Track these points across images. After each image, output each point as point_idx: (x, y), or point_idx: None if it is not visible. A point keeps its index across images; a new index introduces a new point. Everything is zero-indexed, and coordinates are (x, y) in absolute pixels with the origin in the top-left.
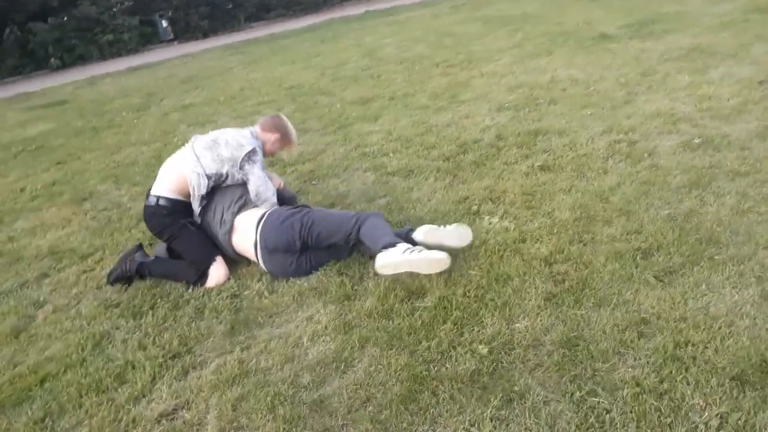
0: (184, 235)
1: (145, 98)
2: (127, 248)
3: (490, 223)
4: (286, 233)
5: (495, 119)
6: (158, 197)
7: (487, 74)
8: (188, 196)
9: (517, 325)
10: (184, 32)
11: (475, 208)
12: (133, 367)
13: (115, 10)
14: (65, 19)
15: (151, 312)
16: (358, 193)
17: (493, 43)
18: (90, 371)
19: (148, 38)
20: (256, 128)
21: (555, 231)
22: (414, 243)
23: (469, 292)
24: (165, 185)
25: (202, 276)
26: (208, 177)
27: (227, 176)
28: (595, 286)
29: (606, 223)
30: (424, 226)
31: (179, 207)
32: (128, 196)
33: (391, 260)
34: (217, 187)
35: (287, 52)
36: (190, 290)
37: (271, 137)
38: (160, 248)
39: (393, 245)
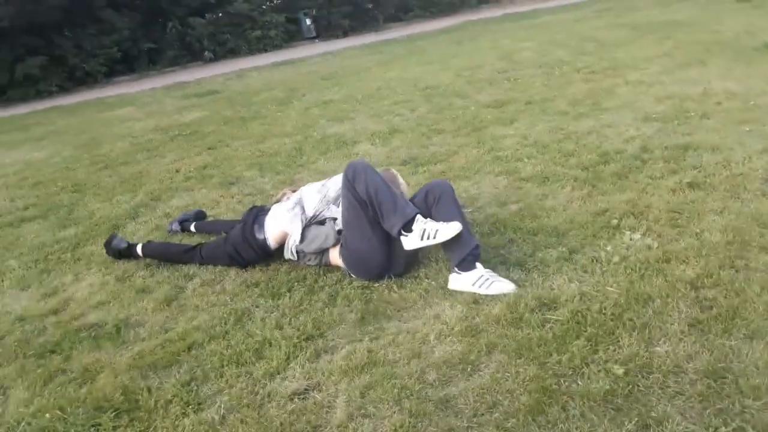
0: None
1: (288, 92)
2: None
3: (631, 239)
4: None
5: (640, 130)
6: (266, 239)
7: (632, 82)
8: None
9: (657, 348)
10: (325, 30)
11: (615, 222)
12: (270, 345)
13: (264, 7)
14: (220, 15)
15: (288, 294)
16: (488, 196)
17: (639, 50)
18: (231, 344)
19: (292, 35)
20: None
21: (703, 253)
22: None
23: (605, 309)
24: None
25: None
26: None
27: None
28: (747, 316)
29: (762, 249)
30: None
31: (267, 250)
32: (271, 184)
33: (460, 288)
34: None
35: (423, 53)
36: (325, 277)
37: None
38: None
39: (468, 269)
